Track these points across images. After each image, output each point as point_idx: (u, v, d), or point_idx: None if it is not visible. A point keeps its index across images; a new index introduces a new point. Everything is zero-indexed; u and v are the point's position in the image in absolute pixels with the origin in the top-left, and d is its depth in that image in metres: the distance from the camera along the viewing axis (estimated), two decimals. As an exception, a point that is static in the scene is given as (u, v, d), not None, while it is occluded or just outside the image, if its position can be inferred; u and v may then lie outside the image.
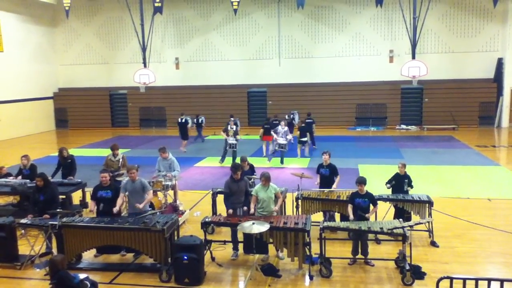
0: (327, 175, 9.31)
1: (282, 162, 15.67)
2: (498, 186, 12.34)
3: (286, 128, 16.04)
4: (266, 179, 7.82)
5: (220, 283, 7.05)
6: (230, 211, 7.95)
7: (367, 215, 7.55)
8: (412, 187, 9.04)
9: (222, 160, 15.93)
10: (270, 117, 19.18)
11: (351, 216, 7.71)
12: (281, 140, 15.64)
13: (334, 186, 9.20)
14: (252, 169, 9.85)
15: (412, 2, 22.40)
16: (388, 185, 9.09)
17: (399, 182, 8.99)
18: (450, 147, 18.54)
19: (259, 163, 15.12)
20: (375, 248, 8.03)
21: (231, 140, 15.68)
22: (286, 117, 19.75)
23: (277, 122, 17.62)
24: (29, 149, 19.01)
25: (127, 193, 8.24)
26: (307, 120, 18.19)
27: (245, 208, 7.98)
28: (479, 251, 7.93)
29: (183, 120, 19.12)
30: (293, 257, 7.18)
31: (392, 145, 19.22)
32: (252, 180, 9.48)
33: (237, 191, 8.00)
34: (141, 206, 7.95)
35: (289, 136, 16.21)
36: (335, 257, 7.47)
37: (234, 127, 16.17)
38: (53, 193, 8.45)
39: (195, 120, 20.78)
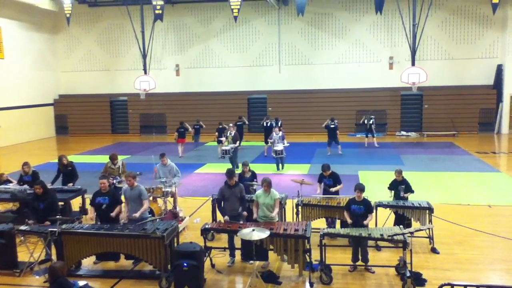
0: (331, 184, 9.29)
1: (280, 168, 15.62)
2: (498, 192, 12.32)
3: (280, 134, 16.00)
4: (267, 184, 7.80)
5: (220, 290, 7.02)
6: (227, 217, 7.91)
7: (364, 222, 7.51)
8: (412, 192, 9.01)
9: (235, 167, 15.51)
10: (183, 121, 19.44)
11: (349, 221, 7.72)
12: (278, 147, 15.58)
13: (334, 189, 9.18)
14: (253, 176, 9.77)
15: (411, 9, 22.50)
16: (390, 191, 9.08)
17: (396, 188, 8.99)
18: (450, 154, 18.53)
19: (258, 169, 15.11)
20: (376, 255, 8.01)
21: (224, 147, 15.84)
22: (365, 121, 20.21)
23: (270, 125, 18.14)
24: (29, 156, 19.01)
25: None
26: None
27: (244, 213, 7.94)
28: (480, 258, 7.90)
29: (268, 124, 19.31)
30: (293, 264, 7.16)
31: (392, 152, 19.21)
32: (254, 187, 9.45)
33: (231, 197, 7.95)
34: (137, 215, 7.93)
35: (285, 143, 15.88)
36: (335, 264, 7.44)
37: (233, 132, 16.23)
38: (53, 201, 8.43)
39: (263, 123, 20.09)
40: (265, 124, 19.47)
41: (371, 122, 20.29)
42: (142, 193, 8.14)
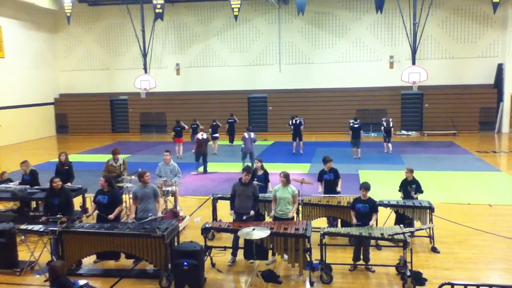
0: (332, 179, 9.30)
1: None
2: (499, 192, 12.32)
3: (249, 135, 15.61)
4: (285, 177, 7.81)
5: (220, 289, 7.02)
6: (231, 212, 7.95)
7: (370, 222, 7.52)
8: (421, 192, 8.99)
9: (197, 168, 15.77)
10: (179, 120, 19.33)
11: (354, 221, 7.70)
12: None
13: (339, 189, 9.23)
14: (265, 175, 9.53)
15: (412, 8, 22.49)
16: (400, 193, 9.06)
17: (406, 188, 8.97)
18: (450, 153, 18.53)
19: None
20: (376, 254, 8.00)
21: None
22: (385, 124, 18.49)
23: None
24: (29, 155, 19.01)
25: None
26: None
27: (251, 212, 7.91)
28: (480, 257, 7.90)
29: (298, 122, 19.22)
30: (293, 263, 7.16)
31: (393, 151, 19.18)
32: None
33: (242, 194, 7.89)
34: (159, 213, 8.01)
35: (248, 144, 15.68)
36: (335, 263, 7.44)
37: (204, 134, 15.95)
38: (68, 197, 8.41)
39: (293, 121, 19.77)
40: (294, 122, 19.39)
41: (391, 125, 18.76)
42: (156, 191, 8.19)
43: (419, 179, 9.21)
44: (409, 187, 8.95)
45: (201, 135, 15.60)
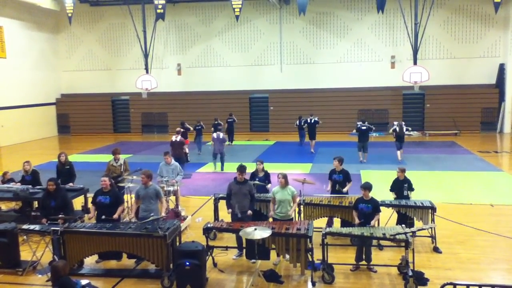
0: (341, 180, 9.25)
1: (216, 167, 15.74)
2: (500, 192, 12.30)
3: (221, 135, 15.58)
4: (284, 178, 7.81)
5: (222, 289, 7.02)
6: (229, 210, 7.99)
7: (371, 222, 7.51)
8: (412, 190, 8.98)
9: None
10: (184, 121, 19.26)
11: (357, 221, 7.70)
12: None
13: (345, 189, 9.20)
14: (266, 177, 9.49)
15: (413, 8, 22.48)
16: (392, 193, 9.06)
17: (400, 188, 8.96)
18: (452, 153, 18.51)
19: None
20: (378, 254, 7.99)
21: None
22: (398, 129, 17.10)
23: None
24: (31, 155, 19.04)
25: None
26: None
27: (249, 212, 7.94)
28: (482, 258, 7.89)
29: (312, 121, 19.23)
30: (295, 263, 7.16)
31: (394, 151, 19.12)
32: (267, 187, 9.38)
33: (238, 193, 7.94)
34: (163, 214, 8.02)
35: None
36: (337, 263, 7.44)
37: (179, 137, 15.60)
38: (65, 198, 8.41)
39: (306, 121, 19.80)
40: (308, 121, 19.30)
41: (404, 129, 17.39)
42: (159, 192, 8.18)
43: (420, 179, 9.20)
44: (402, 186, 8.92)
45: (174, 137, 14.51)
